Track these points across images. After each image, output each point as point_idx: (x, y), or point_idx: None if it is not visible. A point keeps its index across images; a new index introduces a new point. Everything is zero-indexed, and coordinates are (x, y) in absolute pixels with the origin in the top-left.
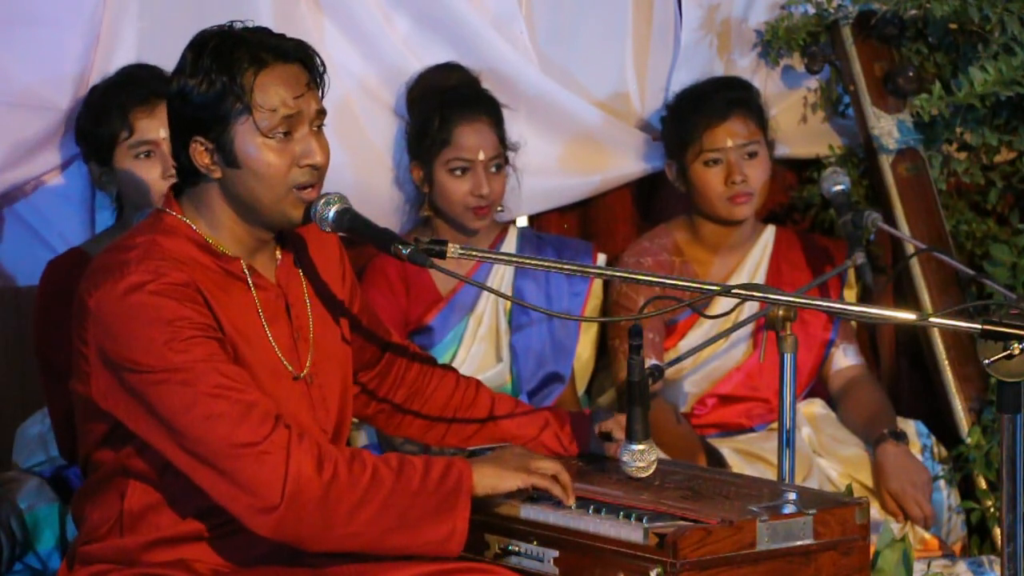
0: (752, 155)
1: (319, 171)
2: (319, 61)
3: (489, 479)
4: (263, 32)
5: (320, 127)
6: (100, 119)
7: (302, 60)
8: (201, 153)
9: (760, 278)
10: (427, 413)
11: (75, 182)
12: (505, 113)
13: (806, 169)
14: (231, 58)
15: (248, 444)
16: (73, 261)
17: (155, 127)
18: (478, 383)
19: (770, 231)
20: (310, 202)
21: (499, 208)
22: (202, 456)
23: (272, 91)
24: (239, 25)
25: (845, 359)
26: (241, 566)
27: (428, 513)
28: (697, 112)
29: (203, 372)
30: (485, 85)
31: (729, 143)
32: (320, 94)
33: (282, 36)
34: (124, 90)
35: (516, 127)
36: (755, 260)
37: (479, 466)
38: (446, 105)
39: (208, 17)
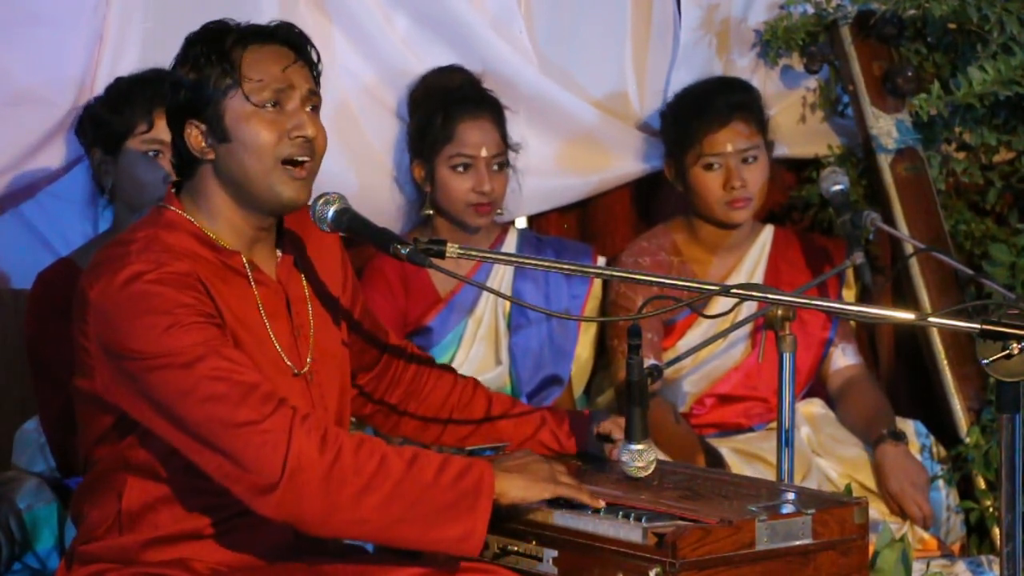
0: (751, 159)
1: (311, 145)
2: (308, 43)
3: (518, 490)
4: (253, 24)
5: (314, 108)
6: (121, 107)
7: (290, 42)
8: (195, 136)
9: (758, 278)
10: (423, 413)
11: (78, 184)
12: (506, 115)
13: (805, 169)
14: (220, 40)
15: (249, 423)
16: (62, 272)
17: None
18: (475, 383)
19: (768, 231)
20: (302, 180)
21: (499, 211)
22: (204, 438)
23: (260, 64)
24: (232, 22)
25: (844, 359)
26: (240, 565)
27: (441, 509)
28: (697, 115)
29: (203, 355)
30: (485, 86)
31: (729, 148)
32: (312, 75)
33: (272, 23)
34: (152, 87)
35: (515, 127)
36: (753, 260)
37: (506, 474)
38: (450, 103)
39: (211, 18)
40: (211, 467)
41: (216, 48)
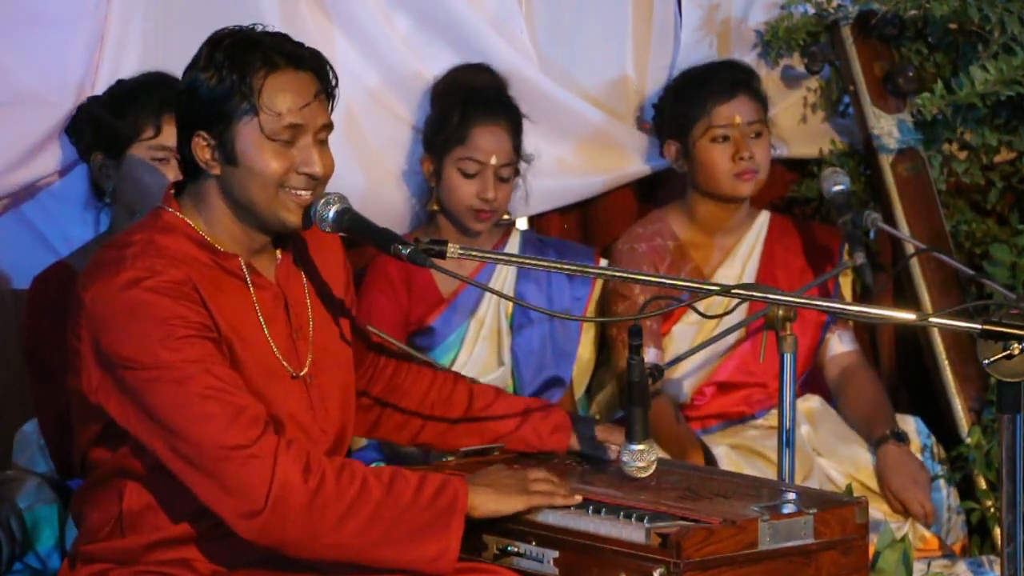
0: (758, 135)
1: (316, 181)
2: (332, 74)
3: (490, 504)
4: (281, 37)
5: (324, 140)
6: (125, 111)
7: (315, 70)
8: (202, 148)
9: (754, 261)
10: (404, 406)
11: (78, 184)
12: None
13: (806, 164)
14: (244, 57)
15: (236, 447)
16: (58, 275)
17: None
18: (456, 377)
19: (764, 216)
20: (306, 205)
21: (506, 215)
22: (190, 457)
23: (280, 96)
24: (260, 28)
25: (840, 345)
26: (242, 566)
27: (418, 529)
28: (705, 88)
29: (195, 372)
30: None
31: (738, 119)
32: (329, 107)
33: (300, 44)
34: (158, 92)
35: None
36: (750, 243)
37: (477, 489)
38: (468, 104)
39: (213, 18)
40: (194, 485)
41: (239, 66)
